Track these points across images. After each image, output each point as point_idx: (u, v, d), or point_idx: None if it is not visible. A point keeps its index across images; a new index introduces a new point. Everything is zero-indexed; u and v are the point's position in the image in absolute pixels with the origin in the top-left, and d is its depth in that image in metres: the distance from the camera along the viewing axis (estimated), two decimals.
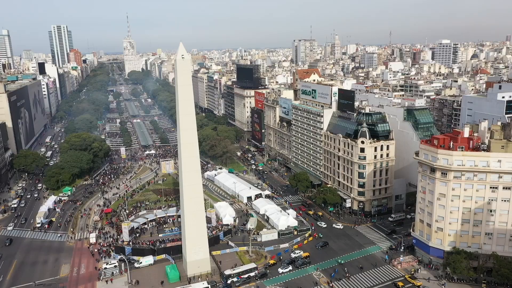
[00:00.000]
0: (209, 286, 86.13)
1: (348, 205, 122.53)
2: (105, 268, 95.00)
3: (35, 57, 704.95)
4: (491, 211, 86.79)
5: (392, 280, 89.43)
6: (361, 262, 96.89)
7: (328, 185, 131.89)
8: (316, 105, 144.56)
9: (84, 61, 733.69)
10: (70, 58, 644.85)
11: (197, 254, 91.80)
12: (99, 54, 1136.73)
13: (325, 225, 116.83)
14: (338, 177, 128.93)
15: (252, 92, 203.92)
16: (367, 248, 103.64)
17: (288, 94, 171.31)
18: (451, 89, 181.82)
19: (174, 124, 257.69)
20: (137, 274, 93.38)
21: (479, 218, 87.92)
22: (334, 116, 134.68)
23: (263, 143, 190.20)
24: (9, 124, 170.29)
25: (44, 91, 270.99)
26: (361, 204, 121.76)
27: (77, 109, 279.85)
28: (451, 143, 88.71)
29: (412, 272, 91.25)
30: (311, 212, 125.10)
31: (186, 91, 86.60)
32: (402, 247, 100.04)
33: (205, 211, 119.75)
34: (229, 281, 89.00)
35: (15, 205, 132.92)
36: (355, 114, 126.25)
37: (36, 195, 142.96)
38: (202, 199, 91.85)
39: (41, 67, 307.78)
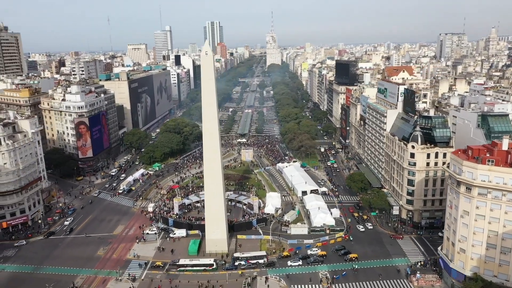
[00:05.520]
0: (215, 263, 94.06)
1: (395, 212, 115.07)
2: (147, 233, 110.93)
3: (199, 50, 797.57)
4: None
5: None
6: (378, 271, 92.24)
7: (384, 190, 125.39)
8: (387, 104, 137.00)
9: (231, 54, 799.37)
10: (217, 51, 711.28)
11: (215, 233, 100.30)
12: (255, 48, 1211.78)
13: (363, 229, 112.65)
14: (393, 182, 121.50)
15: (344, 88, 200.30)
16: (394, 258, 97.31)
17: (371, 92, 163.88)
18: None
19: (278, 116, 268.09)
20: (170, 243, 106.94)
21: (507, 245, 75.71)
22: (398, 117, 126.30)
23: (347, 141, 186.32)
24: (127, 106, 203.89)
25: (174, 80, 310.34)
26: (410, 213, 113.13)
27: (200, 97, 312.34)
28: (485, 155, 78.15)
29: None
30: (356, 214, 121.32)
31: (209, 84, 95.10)
32: (419, 264, 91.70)
33: (251, 199, 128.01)
34: (236, 263, 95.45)
35: (113, 173, 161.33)
36: (415, 116, 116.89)
37: (131, 167, 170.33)
38: (221, 184, 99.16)
39: (177, 59, 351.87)
